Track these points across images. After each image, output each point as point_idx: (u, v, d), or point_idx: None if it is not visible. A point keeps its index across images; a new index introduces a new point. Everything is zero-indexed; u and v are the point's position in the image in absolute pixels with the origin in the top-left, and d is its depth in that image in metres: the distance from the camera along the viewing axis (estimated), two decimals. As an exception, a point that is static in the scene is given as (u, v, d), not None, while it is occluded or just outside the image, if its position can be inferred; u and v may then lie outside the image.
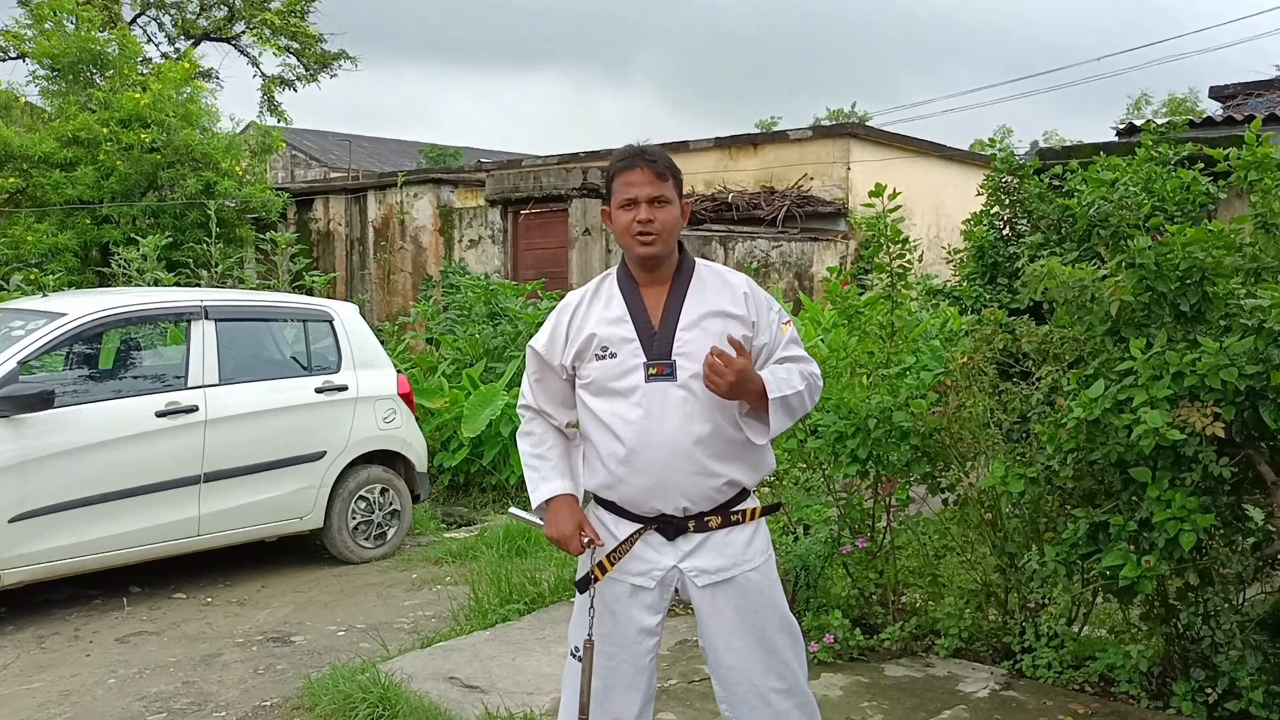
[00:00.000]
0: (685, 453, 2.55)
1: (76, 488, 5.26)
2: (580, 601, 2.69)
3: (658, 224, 2.56)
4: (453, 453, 8.17)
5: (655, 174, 2.58)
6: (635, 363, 2.57)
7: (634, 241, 2.59)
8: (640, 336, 2.59)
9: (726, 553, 2.61)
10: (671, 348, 2.57)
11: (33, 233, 12.81)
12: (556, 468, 2.72)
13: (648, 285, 2.65)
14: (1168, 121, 7.01)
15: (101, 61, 14.52)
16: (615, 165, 2.63)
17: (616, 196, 2.61)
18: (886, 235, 4.43)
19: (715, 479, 2.59)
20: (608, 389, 2.60)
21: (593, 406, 2.63)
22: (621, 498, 2.63)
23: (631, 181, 2.58)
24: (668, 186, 2.59)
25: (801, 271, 13.67)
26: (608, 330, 2.61)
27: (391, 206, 15.74)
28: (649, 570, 2.62)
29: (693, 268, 2.68)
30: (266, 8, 24.23)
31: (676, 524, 2.60)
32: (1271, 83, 10.79)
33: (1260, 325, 3.17)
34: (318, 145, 34.00)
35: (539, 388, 2.76)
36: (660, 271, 2.64)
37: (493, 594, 5.27)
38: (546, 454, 2.74)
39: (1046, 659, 4.04)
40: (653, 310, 2.62)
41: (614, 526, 2.66)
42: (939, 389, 4.40)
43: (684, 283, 2.64)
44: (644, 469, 2.56)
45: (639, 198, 2.57)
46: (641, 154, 2.61)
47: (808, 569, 4.64)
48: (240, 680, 4.55)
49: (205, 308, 5.94)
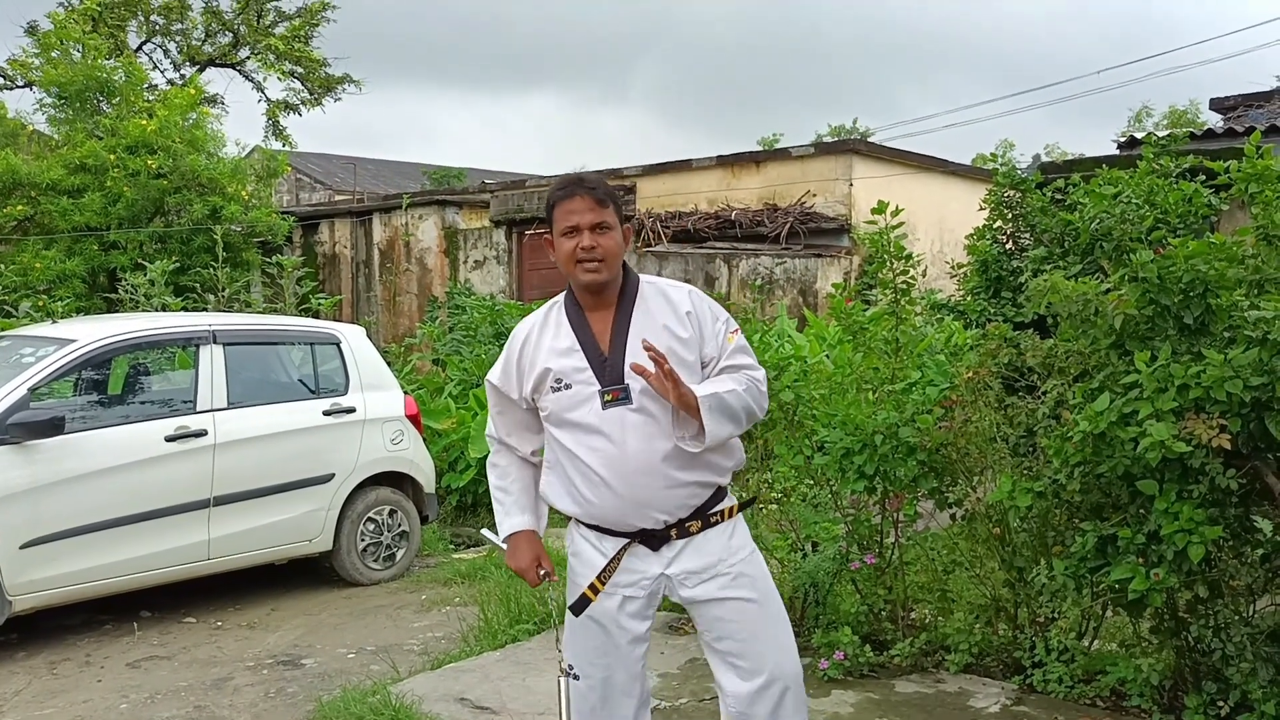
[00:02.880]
0: (654, 470, 2.59)
1: (87, 513, 5.28)
2: (573, 622, 2.74)
3: (600, 250, 2.60)
4: (460, 473, 8.18)
5: (595, 200, 2.61)
6: (590, 391, 2.61)
7: (578, 269, 2.62)
8: (592, 364, 2.62)
9: (708, 550, 2.67)
10: (623, 372, 2.60)
11: (41, 259, 12.90)
12: (518, 502, 2.82)
13: (593, 310, 2.69)
14: (1169, 134, 7.03)
15: (108, 89, 14.64)
16: (555, 194, 2.66)
17: (558, 225, 2.64)
18: (890, 251, 4.46)
19: (687, 488, 2.63)
20: (567, 420, 2.64)
21: (558, 437, 2.68)
22: (600, 520, 2.67)
23: (572, 209, 2.61)
24: (609, 213, 2.62)
25: (806, 288, 13.69)
26: (560, 363, 2.64)
27: (397, 228, 15.81)
28: (638, 580, 2.68)
29: (636, 287, 2.71)
30: (271, 33, 24.40)
31: (659, 535, 2.66)
32: (1271, 94, 10.82)
33: (1265, 337, 3.17)
34: (322, 168, 34.15)
35: (500, 420, 2.83)
36: (605, 296, 2.68)
37: (502, 614, 5.28)
38: (509, 488, 2.84)
39: (1057, 673, 4.03)
40: (600, 336, 2.65)
41: (599, 543, 2.70)
42: (945, 404, 4.40)
43: (629, 304, 2.68)
44: (617, 493, 2.60)
45: (581, 224, 2.60)
46: (580, 182, 2.65)
47: (816, 586, 4.64)
48: (251, 704, 4.55)
49: (213, 332, 5.97)
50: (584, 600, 2.68)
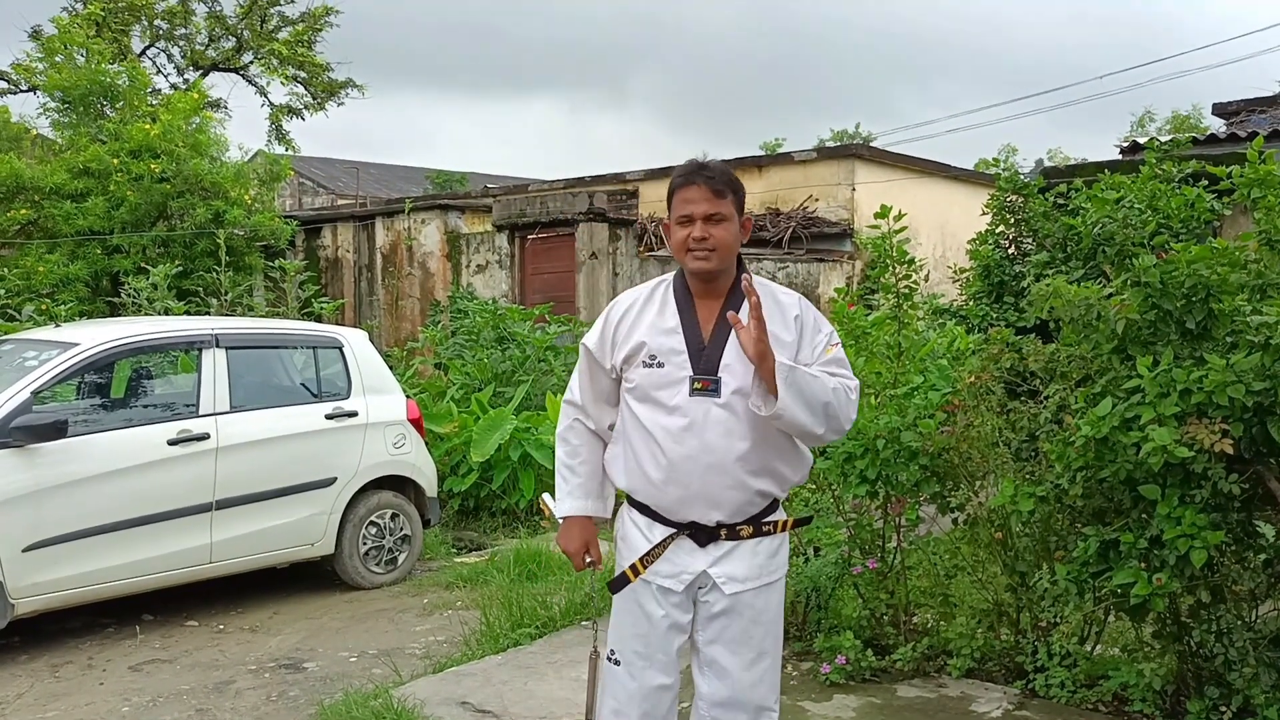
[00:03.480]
0: (725, 468, 2.58)
1: (90, 516, 5.28)
2: (619, 608, 2.74)
3: (712, 241, 2.59)
4: (462, 477, 8.19)
5: (713, 190, 2.59)
6: (681, 375, 2.60)
7: (688, 257, 2.62)
8: (689, 350, 2.61)
9: (755, 562, 2.67)
10: (718, 365, 2.59)
11: (44, 263, 12.91)
12: (584, 485, 2.80)
13: (702, 298, 2.68)
14: (1171, 139, 7.03)
15: (111, 93, 14.66)
16: (675, 180, 2.66)
17: (674, 212, 2.64)
18: (892, 256, 4.46)
19: (750, 492, 2.63)
20: (651, 397, 2.63)
21: (636, 412, 2.66)
22: (656, 504, 2.67)
23: (689, 198, 2.60)
24: (725, 204, 2.60)
25: (808, 292, 13.69)
26: (659, 340, 2.63)
27: (399, 232, 15.83)
28: (679, 573, 2.67)
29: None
30: (274, 38, 24.47)
31: (709, 531, 2.65)
32: (1274, 99, 10.83)
33: (1267, 342, 3.18)
34: (325, 173, 34.21)
35: (588, 386, 2.79)
36: (715, 285, 2.67)
37: (504, 618, 5.27)
38: (578, 468, 2.81)
39: (1059, 678, 4.03)
40: (705, 324, 2.65)
41: (647, 530, 2.70)
42: (947, 408, 4.41)
43: (738, 300, 2.65)
44: (682, 480, 2.59)
45: (695, 214, 2.59)
46: (701, 170, 2.62)
47: (819, 590, 4.64)
48: (253, 707, 4.55)
49: (216, 336, 5.98)
50: (623, 579, 2.68)
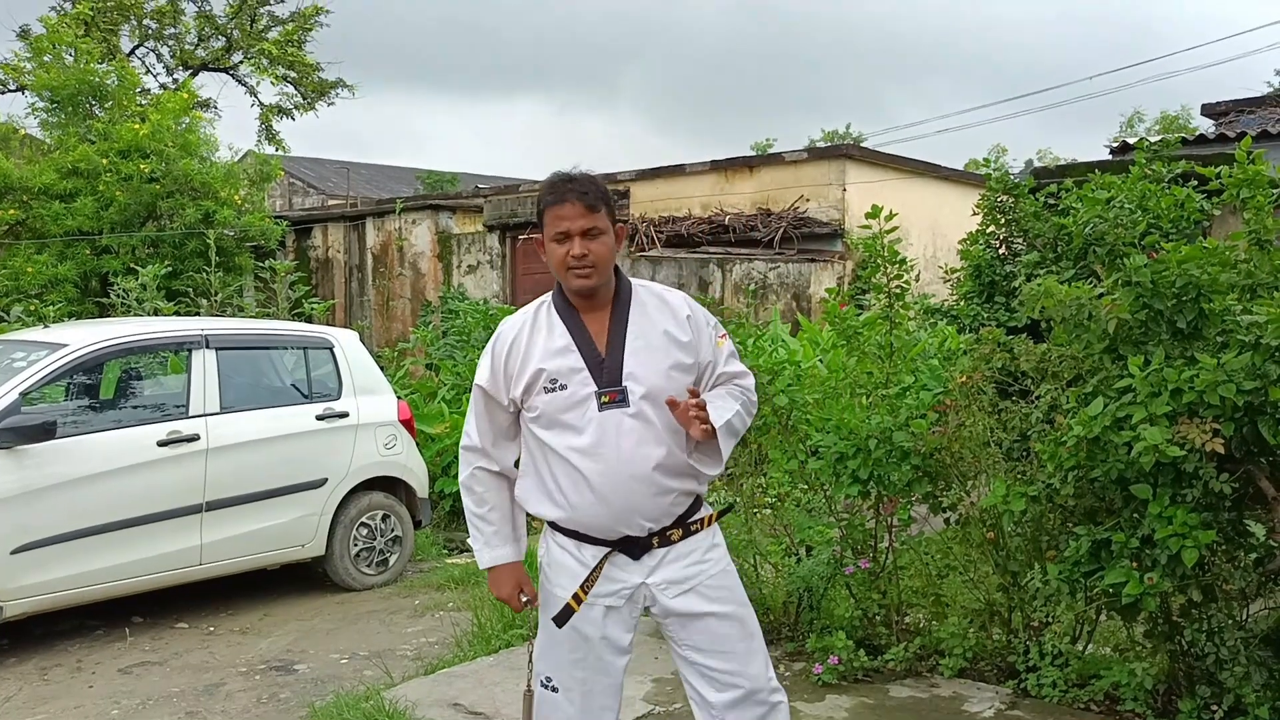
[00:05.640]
0: (644, 477, 2.56)
1: (79, 518, 5.25)
2: (551, 632, 2.69)
3: (592, 257, 2.56)
4: (454, 478, 8.15)
5: (586, 206, 2.56)
6: (586, 392, 2.56)
7: (570, 275, 2.59)
8: (589, 365, 2.57)
9: (689, 559, 2.66)
10: (621, 374, 2.57)
11: (33, 264, 12.86)
12: (499, 533, 2.75)
13: (588, 311, 2.64)
14: (1161, 139, 7.04)
15: (100, 93, 14.61)
16: (546, 197, 2.61)
17: (549, 229, 2.60)
18: (884, 256, 4.46)
19: (672, 495, 2.62)
20: (559, 421, 2.58)
21: (545, 439, 2.61)
22: (582, 525, 2.63)
23: (563, 215, 2.56)
24: (600, 217, 2.57)
25: (799, 292, 13.71)
26: (555, 362, 2.59)
27: (390, 233, 15.80)
28: (618, 590, 2.65)
29: (630, 290, 2.68)
30: (264, 38, 24.40)
31: (641, 543, 2.63)
32: (1262, 100, 10.89)
33: (1257, 341, 3.18)
34: (315, 173, 34.13)
35: (487, 427, 2.72)
36: (598, 298, 2.64)
37: (496, 619, 5.26)
38: (489, 516, 2.75)
39: (1051, 678, 4.03)
40: (597, 337, 2.61)
41: (576, 551, 2.65)
42: (938, 408, 4.41)
43: (624, 307, 2.64)
44: (604, 497, 2.56)
45: (571, 231, 2.56)
46: (571, 185, 2.58)
47: (811, 590, 4.64)
48: (244, 710, 4.54)
49: (205, 337, 5.96)
50: (567, 611, 2.63)
